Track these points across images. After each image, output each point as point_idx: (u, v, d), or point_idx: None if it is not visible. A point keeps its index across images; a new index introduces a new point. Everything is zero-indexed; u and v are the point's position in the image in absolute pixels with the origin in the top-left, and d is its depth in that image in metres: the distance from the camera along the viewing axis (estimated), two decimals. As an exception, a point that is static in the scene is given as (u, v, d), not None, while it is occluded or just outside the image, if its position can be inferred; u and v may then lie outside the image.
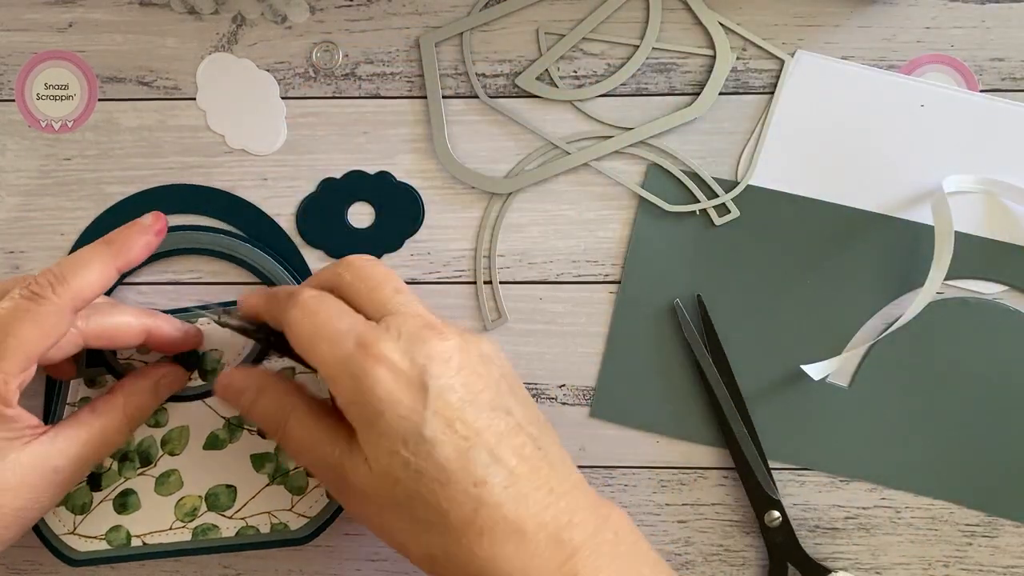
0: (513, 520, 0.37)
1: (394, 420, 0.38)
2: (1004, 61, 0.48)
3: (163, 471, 0.48)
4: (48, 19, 0.50)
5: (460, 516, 0.37)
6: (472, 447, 0.38)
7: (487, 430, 0.38)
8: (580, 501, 0.39)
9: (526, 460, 0.39)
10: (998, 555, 0.49)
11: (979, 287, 0.48)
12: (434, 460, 0.38)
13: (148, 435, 0.48)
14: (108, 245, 0.43)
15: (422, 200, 0.50)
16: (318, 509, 0.48)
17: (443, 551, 0.38)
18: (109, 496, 0.48)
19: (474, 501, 0.37)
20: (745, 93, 0.49)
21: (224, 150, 0.50)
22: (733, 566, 0.49)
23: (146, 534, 0.48)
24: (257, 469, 0.48)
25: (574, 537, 0.38)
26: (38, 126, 0.50)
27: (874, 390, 0.49)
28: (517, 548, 0.37)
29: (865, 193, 0.48)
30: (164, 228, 0.45)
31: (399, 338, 0.39)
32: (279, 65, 0.50)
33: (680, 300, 0.49)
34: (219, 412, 0.48)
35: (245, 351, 0.48)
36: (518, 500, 0.38)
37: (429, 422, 0.38)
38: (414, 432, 0.38)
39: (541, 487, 0.38)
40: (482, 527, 0.37)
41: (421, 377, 0.38)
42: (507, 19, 0.49)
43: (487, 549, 0.37)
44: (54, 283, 0.41)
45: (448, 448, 0.38)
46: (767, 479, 0.48)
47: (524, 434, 0.39)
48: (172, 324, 0.46)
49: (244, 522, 0.48)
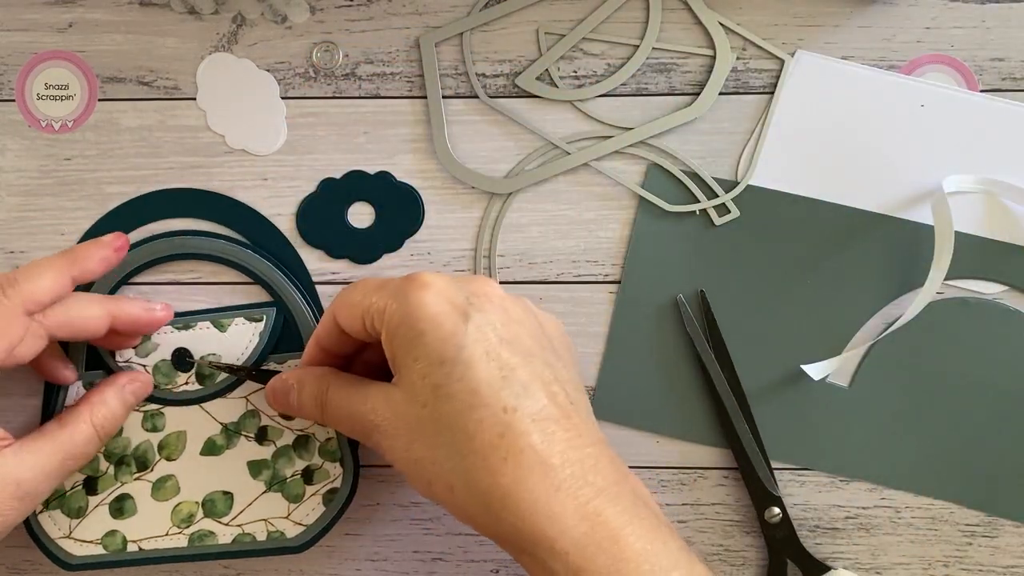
0: (540, 450, 0.37)
1: (434, 341, 0.38)
2: (1004, 61, 0.48)
3: (160, 476, 0.48)
4: (48, 19, 0.50)
5: (486, 440, 0.37)
6: (506, 377, 0.38)
7: (522, 367, 0.38)
8: (606, 453, 0.39)
9: (558, 405, 0.39)
10: (998, 555, 0.49)
11: (979, 287, 0.48)
12: (467, 383, 0.38)
13: (145, 440, 0.48)
14: (65, 255, 0.45)
15: (422, 200, 0.50)
16: (315, 517, 0.48)
17: (464, 479, 0.38)
18: (105, 500, 0.48)
19: (502, 426, 0.37)
20: (745, 93, 0.49)
21: (224, 150, 0.50)
22: (733, 566, 0.49)
23: (142, 539, 0.48)
24: (254, 476, 0.48)
25: (598, 481, 0.37)
26: (38, 126, 0.50)
27: (874, 390, 0.49)
28: (542, 479, 0.37)
29: (865, 193, 0.48)
30: (124, 247, 0.47)
31: (444, 277, 0.40)
32: (279, 65, 0.50)
33: (682, 296, 0.49)
34: (216, 418, 0.48)
35: (244, 356, 0.48)
36: (546, 434, 0.38)
37: (468, 346, 0.38)
38: (452, 353, 0.38)
39: (570, 430, 0.38)
40: (508, 452, 0.37)
41: (466, 306, 0.39)
42: (507, 19, 0.49)
43: (511, 474, 0.37)
44: (5, 286, 0.43)
45: (483, 372, 0.38)
46: (768, 475, 0.48)
47: (558, 384, 0.39)
48: (136, 305, 0.47)
49: (240, 529, 0.48)
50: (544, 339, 0.41)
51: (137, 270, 0.49)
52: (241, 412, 0.48)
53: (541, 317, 0.42)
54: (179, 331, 0.48)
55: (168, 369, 0.48)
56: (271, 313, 0.48)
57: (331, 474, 0.48)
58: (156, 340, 0.48)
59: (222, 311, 0.49)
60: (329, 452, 0.48)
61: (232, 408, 0.48)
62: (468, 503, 0.38)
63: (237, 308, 0.49)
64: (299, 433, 0.48)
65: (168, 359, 0.48)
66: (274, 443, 0.48)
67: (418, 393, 0.38)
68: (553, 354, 0.41)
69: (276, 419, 0.48)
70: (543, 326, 0.42)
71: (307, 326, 0.48)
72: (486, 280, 0.41)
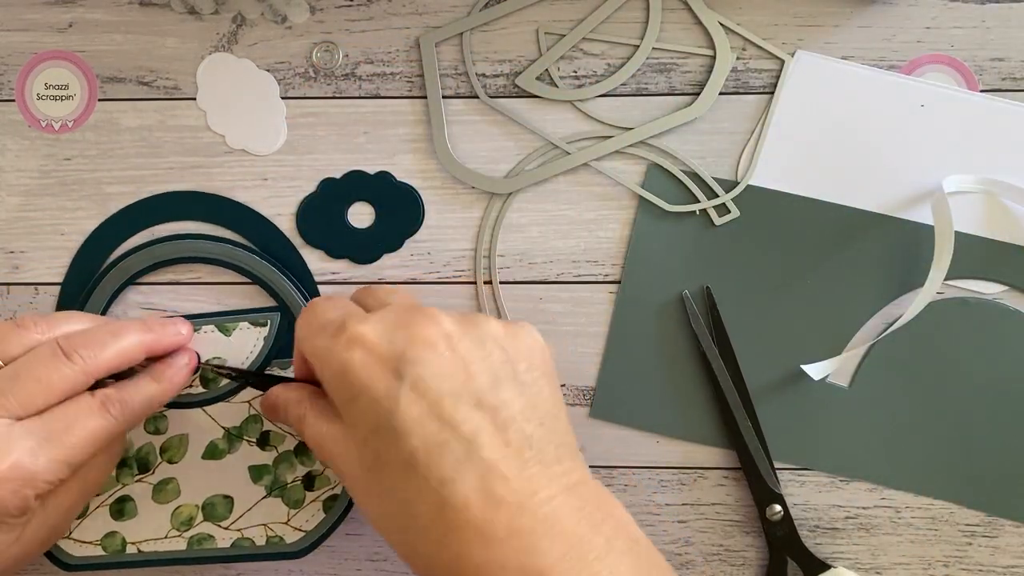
0: (481, 526, 0.34)
1: (367, 405, 0.36)
2: (1004, 61, 0.48)
3: (161, 479, 0.48)
4: (48, 19, 0.50)
5: (424, 514, 0.35)
6: (444, 442, 0.35)
7: (466, 423, 0.35)
8: (571, 501, 0.35)
9: (510, 458, 0.35)
10: (998, 555, 0.49)
11: (979, 287, 0.48)
12: (401, 453, 0.35)
13: (147, 442, 0.48)
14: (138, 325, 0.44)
15: (422, 200, 0.50)
16: (314, 523, 0.48)
17: (409, 547, 0.36)
18: (106, 502, 0.48)
19: (439, 500, 0.35)
20: (745, 93, 0.49)
21: (224, 150, 0.50)
22: (733, 566, 0.49)
23: (142, 541, 0.48)
24: (255, 481, 0.48)
25: (554, 549, 0.34)
26: (38, 126, 0.50)
27: (874, 390, 0.49)
28: (485, 552, 0.34)
29: (865, 193, 0.48)
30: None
31: (381, 321, 0.37)
32: (279, 65, 0.50)
33: (687, 292, 0.49)
34: (219, 421, 0.48)
35: (249, 360, 0.48)
36: (491, 502, 0.35)
37: (400, 411, 0.35)
38: (384, 420, 0.35)
39: (528, 481, 0.35)
40: (447, 528, 0.35)
41: (398, 361, 0.36)
42: (507, 19, 0.49)
43: (453, 549, 0.35)
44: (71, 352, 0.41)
45: (417, 440, 0.35)
46: (769, 472, 0.48)
47: (514, 429, 0.36)
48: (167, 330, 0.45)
49: (240, 533, 0.48)
50: (502, 370, 0.37)
51: (140, 273, 0.49)
52: (244, 417, 0.48)
53: (503, 339, 0.38)
54: None
55: None
56: (275, 318, 0.48)
57: (332, 481, 0.48)
58: None
59: (227, 315, 0.48)
60: None
61: (235, 412, 0.48)
62: (415, 564, 0.36)
63: (242, 312, 0.49)
64: (301, 439, 0.48)
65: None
66: (276, 448, 0.48)
67: (363, 455, 0.37)
68: (513, 385, 0.37)
69: (278, 424, 0.48)
70: (505, 350, 0.38)
71: None
72: (428, 317, 0.37)
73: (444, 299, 0.49)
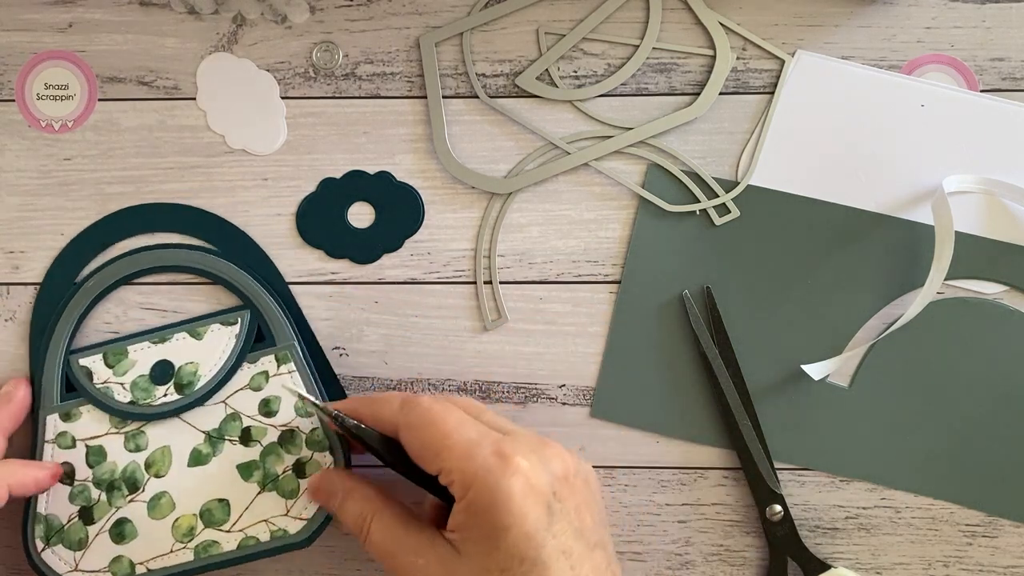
0: None
1: (518, 538, 0.38)
2: (1004, 61, 0.48)
3: (153, 495, 0.48)
4: (48, 19, 0.50)
5: None
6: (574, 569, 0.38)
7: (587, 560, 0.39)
8: None
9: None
10: (998, 555, 0.49)
11: (979, 287, 0.48)
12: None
13: (131, 460, 0.48)
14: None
15: (422, 200, 0.50)
16: (313, 510, 0.47)
17: None
18: (104, 528, 0.47)
19: None
20: (745, 93, 0.49)
21: (224, 150, 0.50)
22: (733, 566, 0.49)
23: (148, 560, 0.47)
24: (246, 479, 0.48)
25: None
26: (38, 126, 0.50)
27: (874, 390, 0.49)
28: None
29: (865, 193, 0.48)
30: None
31: (531, 453, 0.39)
32: (279, 65, 0.50)
33: (687, 292, 0.49)
34: (197, 427, 0.48)
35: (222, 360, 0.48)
36: None
37: (548, 546, 0.38)
38: (533, 553, 0.38)
39: None
40: None
41: (550, 499, 0.39)
42: (507, 19, 0.49)
43: None
44: None
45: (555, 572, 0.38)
46: (770, 472, 0.48)
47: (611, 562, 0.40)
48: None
49: (243, 534, 0.47)
50: (600, 510, 0.41)
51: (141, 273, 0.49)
52: (221, 417, 0.48)
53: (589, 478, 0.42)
54: (156, 345, 0.48)
55: (146, 384, 0.48)
56: (245, 316, 0.48)
57: (322, 464, 0.47)
58: (133, 356, 0.48)
59: (197, 320, 0.49)
60: (316, 442, 0.48)
61: (212, 415, 0.48)
62: None
63: (211, 316, 0.49)
64: (283, 428, 0.48)
65: (146, 374, 0.48)
66: (260, 443, 0.48)
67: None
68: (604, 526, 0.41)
69: (258, 418, 0.48)
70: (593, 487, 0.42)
71: (279, 324, 0.48)
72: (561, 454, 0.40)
73: (444, 299, 0.49)
